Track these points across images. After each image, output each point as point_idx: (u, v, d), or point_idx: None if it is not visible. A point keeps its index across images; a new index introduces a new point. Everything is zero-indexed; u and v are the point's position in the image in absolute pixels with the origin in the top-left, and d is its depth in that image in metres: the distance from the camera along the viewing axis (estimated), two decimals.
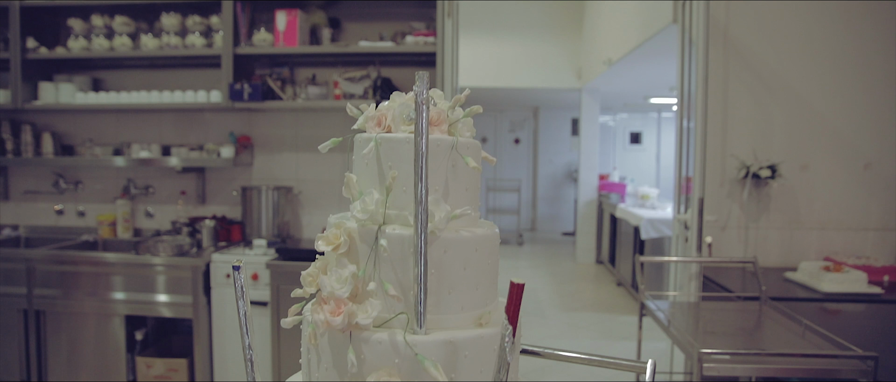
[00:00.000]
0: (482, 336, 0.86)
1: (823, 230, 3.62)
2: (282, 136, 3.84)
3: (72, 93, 3.70)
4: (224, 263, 3.32)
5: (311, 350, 0.89)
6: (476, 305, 0.91)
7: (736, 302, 2.91)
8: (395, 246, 0.84)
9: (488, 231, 0.92)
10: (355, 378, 0.82)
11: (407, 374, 0.81)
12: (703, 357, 2.06)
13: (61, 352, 3.41)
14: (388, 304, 0.85)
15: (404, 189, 0.87)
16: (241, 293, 0.83)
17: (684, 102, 3.69)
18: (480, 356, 0.85)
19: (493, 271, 0.95)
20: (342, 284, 0.82)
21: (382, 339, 0.82)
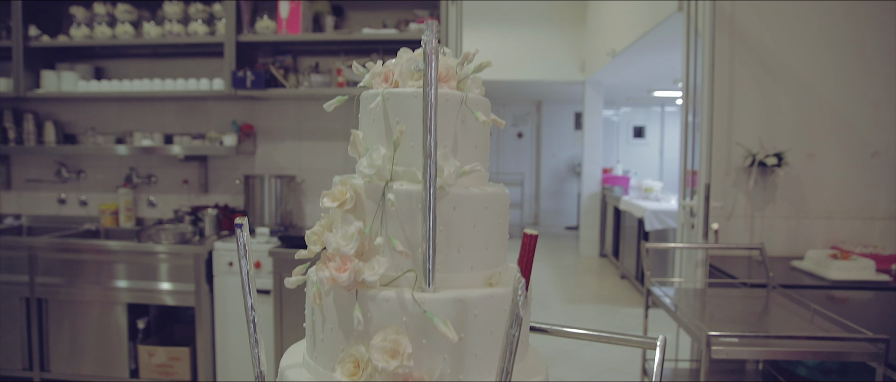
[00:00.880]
0: (493, 295, 0.84)
1: (830, 219, 3.59)
2: (284, 124, 3.82)
3: (74, 81, 3.69)
4: (226, 251, 3.30)
5: (316, 312, 0.87)
6: (486, 265, 0.89)
7: (743, 289, 2.88)
8: (402, 202, 0.82)
9: (499, 190, 0.90)
10: (361, 337, 0.80)
11: (415, 333, 0.79)
12: (712, 340, 2.04)
13: (63, 341, 3.40)
14: (396, 262, 0.83)
15: (412, 144, 0.85)
16: (243, 250, 0.81)
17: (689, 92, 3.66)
18: (491, 315, 0.83)
19: (503, 232, 0.92)
20: (348, 240, 0.79)
21: (390, 297, 0.80)
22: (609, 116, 9.44)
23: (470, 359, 0.82)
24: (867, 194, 3.53)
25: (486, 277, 0.88)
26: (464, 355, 0.81)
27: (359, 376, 0.76)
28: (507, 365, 0.74)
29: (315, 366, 0.87)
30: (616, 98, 8.81)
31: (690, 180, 3.63)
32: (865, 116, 3.48)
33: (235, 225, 0.81)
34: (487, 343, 0.83)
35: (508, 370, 0.74)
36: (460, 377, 0.82)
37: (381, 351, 0.75)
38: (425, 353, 0.80)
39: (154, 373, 3.36)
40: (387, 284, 0.82)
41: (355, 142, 0.87)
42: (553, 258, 7.49)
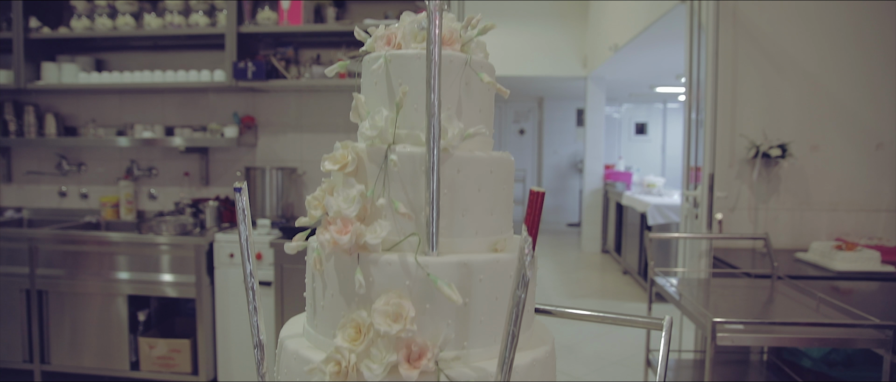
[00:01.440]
0: (499, 260, 0.82)
1: (834, 211, 3.56)
2: (286, 117, 3.80)
3: (75, 73, 3.67)
4: (227, 242, 3.28)
5: (316, 278, 0.85)
6: (491, 231, 0.87)
7: (747, 279, 2.86)
8: (405, 164, 0.80)
9: (504, 156, 0.88)
10: (363, 301, 0.78)
11: (418, 297, 0.77)
12: (717, 327, 2.02)
13: (64, 333, 3.38)
14: (398, 226, 0.81)
15: (415, 107, 0.83)
16: (242, 215, 0.79)
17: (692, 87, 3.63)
18: (497, 281, 0.81)
19: (507, 198, 0.91)
20: (349, 203, 0.78)
21: (392, 260, 0.78)
22: (611, 113, 9.42)
23: (475, 325, 0.80)
24: (872, 186, 3.50)
25: (491, 243, 0.86)
26: (468, 321, 0.80)
27: (360, 341, 0.74)
28: (513, 329, 0.72)
29: (315, 335, 0.85)
30: (618, 94, 8.79)
31: (694, 176, 3.60)
32: (870, 107, 3.45)
33: (235, 189, 0.80)
34: (493, 310, 0.81)
35: (514, 334, 0.72)
36: (465, 343, 0.80)
37: (384, 315, 0.74)
38: (429, 318, 0.78)
39: (154, 365, 3.35)
40: (389, 249, 0.80)
41: (357, 106, 0.86)
42: (555, 255, 7.47)
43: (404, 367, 0.73)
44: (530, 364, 0.83)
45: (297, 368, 0.83)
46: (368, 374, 0.73)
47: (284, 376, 0.87)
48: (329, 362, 0.74)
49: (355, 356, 0.74)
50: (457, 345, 0.79)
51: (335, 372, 0.74)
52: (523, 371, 0.81)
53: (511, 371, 0.73)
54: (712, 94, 3.29)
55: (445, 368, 0.75)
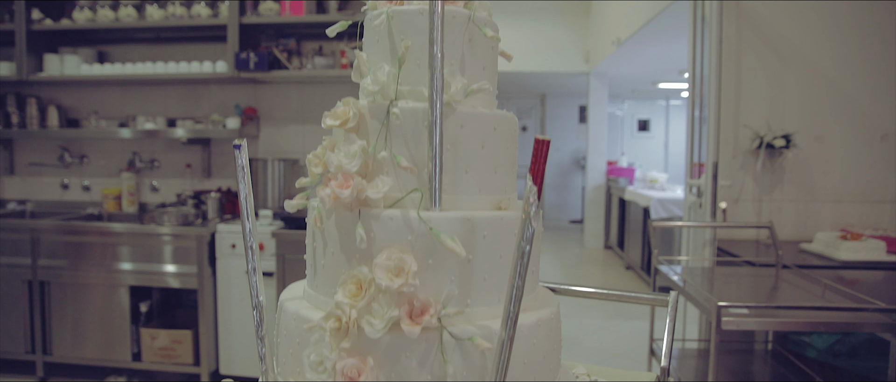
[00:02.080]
0: (503, 217, 0.81)
1: (839, 203, 3.54)
2: (288, 108, 3.80)
3: (77, 65, 3.67)
4: (229, 233, 3.28)
5: (317, 237, 0.84)
6: (495, 190, 0.86)
7: (751, 268, 2.84)
8: (407, 119, 0.79)
9: (508, 114, 0.87)
10: (364, 257, 0.77)
11: (421, 253, 0.76)
12: (722, 311, 2.00)
13: (66, 324, 3.38)
14: (400, 182, 0.80)
15: (418, 63, 0.82)
16: (241, 172, 0.78)
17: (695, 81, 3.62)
18: (500, 239, 0.80)
19: (511, 157, 0.89)
20: (351, 158, 0.77)
21: (394, 215, 0.77)
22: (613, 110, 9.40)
23: (478, 283, 0.79)
24: (876, 177, 3.48)
25: (494, 202, 0.85)
26: (471, 278, 0.78)
27: (361, 297, 0.73)
28: (517, 282, 0.71)
29: (316, 295, 0.84)
30: (621, 91, 8.77)
31: (697, 171, 3.58)
32: (874, 98, 3.43)
33: (234, 146, 0.79)
34: (496, 268, 0.80)
35: (519, 288, 0.71)
36: (468, 301, 0.79)
37: (385, 270, 0.73)
38: (431, 274, 0.77)
39: (156, 356, 3.34)
40: (391, 205, 0.79)
41: (359, 64, 0.85)
42: (557, 251, 7.45)
43: (406, 323, 0.72)
44: (535, 323, 0.81)
45: (297, 327, 0.82)
46: (369, 330, 0.72)
47: (284, 338, 0.86)
48: (329, 318, 0.73)
49: (356, 311, 0.73)
50: (460, 304, 0.78)
51: (335, 329, 0.73)
52: (528, 331, 0.80)
53: (516, 327, 0.72)
54: (716, 83, 3.27)
55: (448, 325, 0.74)
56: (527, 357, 0.79)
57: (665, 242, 4.79)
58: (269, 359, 0.85)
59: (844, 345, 2.79)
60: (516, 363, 0.78)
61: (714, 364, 2.07)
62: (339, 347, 0.73)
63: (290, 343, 0.83)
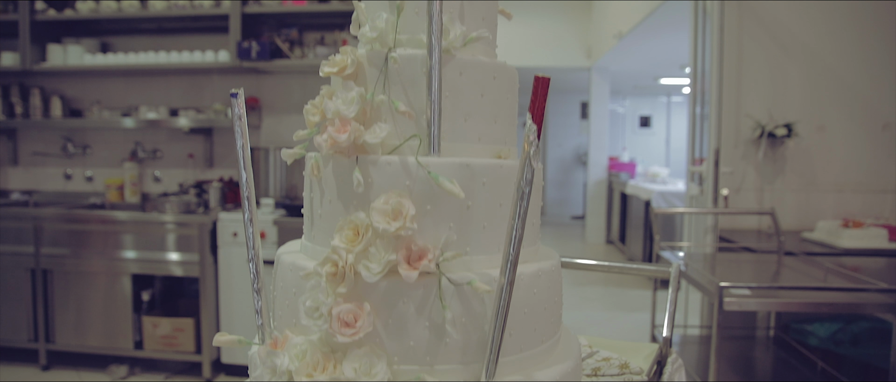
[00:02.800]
0: (502, 165, 0.81)
1: (841, 192, 3.53)
2: (289, 98, 3.80)
3: (80, 55, 3.69)
4: (231, 221, 3.28)
5: (314, 186, 0.84)
6: (494, 139, 0.86)
7: (753, 254, 2.84)
8: (406, 66, 0.79)
9: (508, 65, 0.87)
10: (362, 203, 0.77)
11: (419, 198, 0.76)
12: (724, 292, 2.00)
13: (68, 312, 3.39)
14: (399, 130, 0.80)
15: (416, 11, 0.82)
16: (237, 120, 0.78)
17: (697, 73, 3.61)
18: (500, 187, 0.80)
19: (512, 109, 0.90)
20: (348, 104, 0.77)
21: (392, 161, 0.77)
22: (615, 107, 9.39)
23: (477, 231, 0.79)
24: (878, 167, 3.47)
25: (494, 151, 0.85)
26: (471, 226, 0.79)
27: (358, 242, 0.73)
28: (516, 224, 0.71)
29: (313, 247, 0.84)
30: (622, 87, 8.76)
31: (699, 162, 3.58)
32: (876, 88, 3.42)
33: (231, 95, 0.79)
34: (495, 216, 0.80)
35: (518, 229, 0.71)
36: (467, 249, 0.79)
37: (382, 213, 0.73)
38: (430, 221, 0.77)
39: (158, 344, 3.35)
40: (390, 153, 0.79)
41: (357, 15, 0.85)
42: (559, 246, 7.44)
43: (404, 267, 0.72)
44: (535, 273, 0.81)
45: (293, 278, 0.82)
46: (366, 274, 0.72)
47: (280, 291, 0.86)
48: (325, 263, 0.73)
49: (353, 256, 0.73)
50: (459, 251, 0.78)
51: (332, 274, 0.73)
52: (528, 280, 0.80)
53: (515, 271, 0.72)
54: (718, 72, 3.27)
55: (447, 271, 0.74)
56: (527, 306, 0.79)
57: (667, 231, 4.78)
58: (266, 312, 0.86)
59: (846, 334, 2.78)
60: (516, 312, 0.78)
61: (716, 343, 2.06)
62: (336, 292, 0.73)
63: (287, 295, 0.83)
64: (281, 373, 0.73)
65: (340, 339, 0.71)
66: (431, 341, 0.74)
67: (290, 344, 0.75)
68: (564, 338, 0.93)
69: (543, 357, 0.83)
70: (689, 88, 3.70)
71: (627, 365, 1.18)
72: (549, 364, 0.82)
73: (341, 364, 0.72)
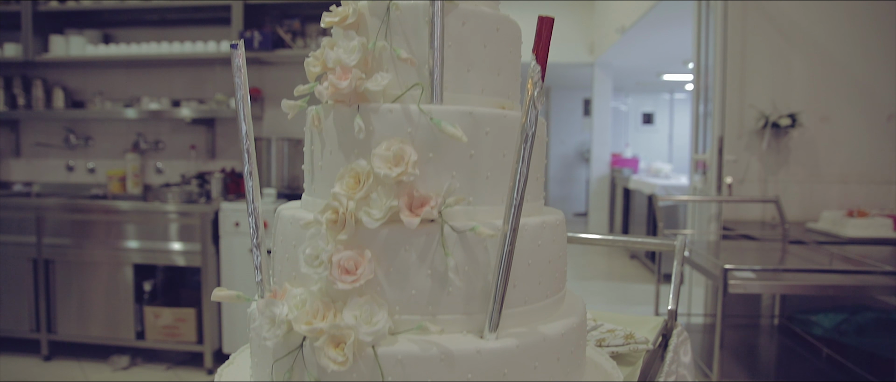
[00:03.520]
0: (506, 115, 0.79)
1: (845, 183, 3.51)
2: (292, 89, 3.78)
3: (82, 45, 3.69)
4: (233, 211, 3.28)
5: (314, 138, 0.83)
6: (497, 91, 0.85)
7: (757, 242, 2.82)
8: (408, 15, 0.78)
9: (511, 19, 0.86)
10: (363, 151, 0.76)
11: (421, 146, 0.75)
12: (729, 275, 1.98)
13: (71, 302, 3.38)
14: (401, 80, 0.79)
15: None
16: (238, 72, 0.78)
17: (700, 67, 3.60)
18: (503, 137, 0.79)
19: (515, 62, 0.88)
20: (350, 52, 0.76)
21: (394, 108, 0.76)
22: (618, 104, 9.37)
23: (480, 181, 0.78)
24: (882, 158, 3.45)
25: (497, 103, 0.84)
26: (474, 175, 0.77)
27: (359, 189, 0.72)
28: (520, 168, 0.70)
29: (313, 200, 0.83)
30: (625, 83, 8.74)
31: (701, 167, 3.56)
32: (881, 79, 3.40)
33: (231, 46, 0.78)
34: (499, 166, 0.79)
35: (522, 174, 0.70)
36: (470, 198, 0.78)
37: (384, 160, 0.71)
38: (432, 169, 0.76)
39: (160, 335, 3.34)
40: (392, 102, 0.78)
41: None
42: None
43: (405, 214, 0.71)
44: (540, 225, 0.80)
45: (293, 230, 0.81)
46: (367, 220, 0.71)
47: (280, 245, 0.85)
48: (326, 210, 0.72)
49: (353, 203, 0.72)
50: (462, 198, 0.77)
51: (332, 221, 0.72)
52: (532, 231, 0.79)
53: (519, 217, 0.71)
54: (721, 61, 3.25)
55: (449, 218, 0.73)
56: (531, 258, 0.78)
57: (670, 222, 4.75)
58: (265, 268, 0.85)
59: (851, 324, 2.75)
60: (520, 263, 0.76)
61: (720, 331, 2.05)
62: (336, 240, 0.72)
63: (286, 248, 0.82)
64: (279, 323, 0.72)
65: (341, 286, 0.70)
66: (434, 290, 0.73)
67: (290, 295, 0.74)
68: (569, 298, 0.92)
69: (548, 312, 0.82)
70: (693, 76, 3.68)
71: (632, 336, 1.17)
72: (554, 319, 0.81)
73: (341, 312, 0.71)
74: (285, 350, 0.74)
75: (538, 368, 0.75)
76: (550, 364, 0.77)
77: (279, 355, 0.75)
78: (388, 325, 0.70)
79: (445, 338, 0.72)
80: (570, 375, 0.82)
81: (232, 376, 0.93)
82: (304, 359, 0.73)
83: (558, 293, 0.86)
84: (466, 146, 0.77)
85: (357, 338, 0.68)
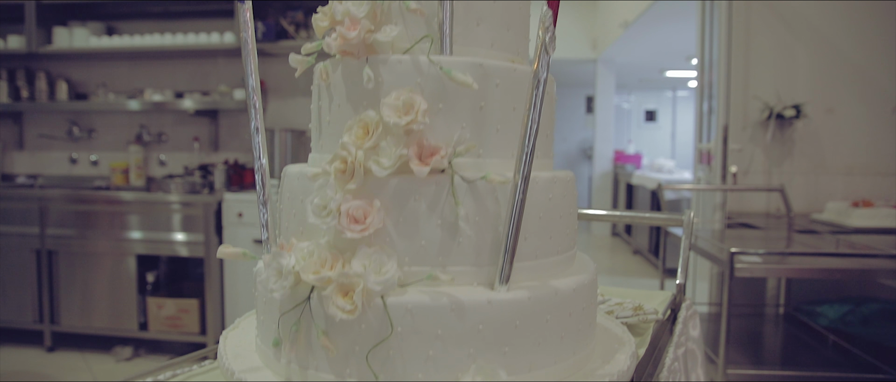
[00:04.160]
0: (516, 69, 0.79)
1: (850, 175, 3.49)
2: (295, 81, 3.79)
3: (86, 37, 3.69)
4: (236, 201, 3.27)
5: (322, 93, 0.83)
6: (508, 46, 0.84)
7: (762, 231, 2.81)
8: None
9: None
10: (372, 103, 0.75)
11: (431, 96, 0.74)
12: (735, 258, 1.97)
13: (74, 293, 3.38)
14: (410, 32, 0.78)
15: None
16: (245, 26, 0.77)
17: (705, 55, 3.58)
18: (513, 90, 0.78)
19: (524, 18, 0.88)
20: (359, 3, 0.75)
21: (403, 59, 0.75)
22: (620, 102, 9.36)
23: (490, 134, 0.77)
24: (887, 150, 3.43)
25: (507, 58, 0.83)
26: (484, 128, 0.77)
27: (368, 138, 0.71)
28: (532, 115, 0.69)
29: (320, 157, 0.82)
30: (628, 80, 8.73)
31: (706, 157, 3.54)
32: (886, 70, 3.38)
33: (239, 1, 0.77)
34: (510, 119, 0.78)
35: (534, 120, 0.69)
36: (480, 151, 0.77)
37: (393, 108, 0.71)
38: (442, 119, 0.75)
39: (163, 325, 3.33)
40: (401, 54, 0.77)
41: None
42: None
43: (415, 163, 0.70)
44: (551, 179, 0.79)
45: (300, 185, 0.80)
46: (377, 168, 0.70)
47: (286, 202, 0.84)
48: (334, 160, 0.71)
49: (362, 152, 0.71)
50: (472, 153, 0.76)
51: (341, 170, 0.71)
52: (544, 184, 0.78)
53: (531, 164, 0.70)
54: (726, 51, 3.24)
55: (459, 170, 0.72)
56: (542, 211, 0.77)
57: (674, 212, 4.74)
58: (271, 226, 0.84)
59: (856, 315, 2.74)
60: (531, 215, 0.76)
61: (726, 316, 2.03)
62: (345, 189, 0.71)
63: (293, 204, 0.82)
64: (287, 274, 0.71)
65: (349, 235, 0.69)
66: (444, 240, 0.72)
67: (297, 248, 0.73)
68: (580, 259, 0.91)
69: (560, 269, 0.81)
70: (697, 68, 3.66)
71: (641, 307, 1.16)
72: (566, 275, 0.80)
73: (350, 263, 0.70)
74: (292, 303, 0.73)
75: (550, 322, 0.74)
76: (563, 318, 0.76)
77: (286, 308, 0.74)
78: (397, 275, 0.69)
79: (456, 289, 0.71)
80: (583, 333, 0.81)
81: (237, 339, 0.93)
82: (312, 311, 0.72)
83: (569, 250, 0.85)
84: (476, 98, 0.76)
85: (366, 286, 0.67)
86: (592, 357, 0.84)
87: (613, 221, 1.48)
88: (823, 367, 2.23)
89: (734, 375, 2.05)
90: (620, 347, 0.88)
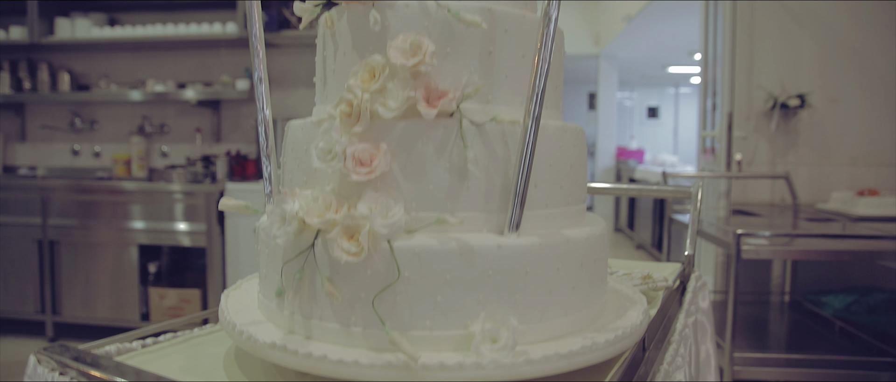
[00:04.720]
0: (526, 15, 0.77)
1: (854, 166, 3.46)
2: (298, 72, 3.78)
3: (88, 28, 3.68)
4: (239, 191, 3.26)
5: (328, 43, 0.81)
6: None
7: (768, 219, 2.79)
8: None
9: None
10: (378, 48, 0.73)
11: (438, 40, 0.72)
12: (741, 241, 1.95)
13: (76, 284, 3.37)
14: None
15: None
16: None
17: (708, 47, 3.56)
18: (523, 37, 0.76)
19: None
20: None
21: (410, 3, 0.74)
22: (623, 99, 9.35)
23: (499, 79, 0.75)
24: (892, 139, 3.41)
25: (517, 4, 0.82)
26: (493, 73, 0.75)
27: (375, 81, 0.70)
28: (542, 55, 0.67)
29: (325, 108, 0.81)
30: (630, 76, 8.72)
31: (710, 150, 3.53)
32: (891, 60, 3.36)
33: None
34: (519, 66, 0.77)
35: (544, 60, 0.68)
36: (489, 97, 0.75)
37: (400, 51, 0.69)
38: (449, 64, 0.73)
39: (165, 316, 3.32)
40: None
41: None
42: None
43: (423, 105, 0.69)
44: (560, 128, 0.78)
45: (304, 134, 0.79)
46: (383, 110, 0.69)
47: (290, 155, 0.83)
48: (340, 103, 0.70)
49: (368, 95, 0.69)
50: (480, 99, 0.74)
51: (346, 113, 0.69)
52: (553, 132, 0.76)
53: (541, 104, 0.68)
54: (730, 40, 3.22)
55: (468, 114, 0.71)
56: (552, 159, 0.76)
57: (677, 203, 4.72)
58: (275, 179, 0.82)
59: (862, 305, 2.72)
60: (541, 162, 0.74)
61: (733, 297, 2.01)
62: (350, 132, 0.69)
63: (297, 154, 0.80)
64: (290, 219, 0.69)
65: (355, 178, 0.68)
66: (452, 184, 0.70)
67: (301, 195, 0.72)
68: (590, 214, 0.89)
69: (570, 220, 0.80)
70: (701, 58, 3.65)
71: (650, 276, 1.14)
72: (576, 227, 0.79)
73: (355, 207, 0.68)
74: (296, 250, 0.71)
75: (561, 271, 0.72)
76: (574, 268, 0.74)
77: (289, 256, 0.72)
78: (404, 219, 0.67)
79: (465, 234, 0.69)
80: (595, 286, 0.79)
81: (239, 297, 0.91)
82: (316, 258, 0.70)
83: (580, 204, 0.83)
84: (485, 44, 0.75)
85: (372, 229, 0.65)
86: (604, 313, 0.82)
87: (620, 194, 1.46)
88: (831, 352, 2.21)
89: (741, 359, 2.03)
90: (632, 305, 0.86)
